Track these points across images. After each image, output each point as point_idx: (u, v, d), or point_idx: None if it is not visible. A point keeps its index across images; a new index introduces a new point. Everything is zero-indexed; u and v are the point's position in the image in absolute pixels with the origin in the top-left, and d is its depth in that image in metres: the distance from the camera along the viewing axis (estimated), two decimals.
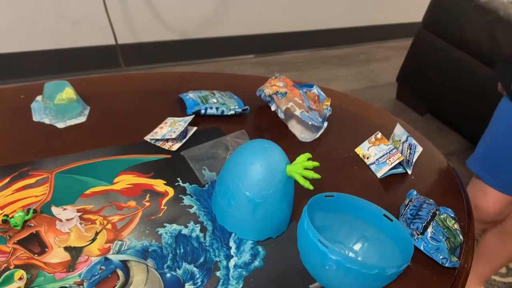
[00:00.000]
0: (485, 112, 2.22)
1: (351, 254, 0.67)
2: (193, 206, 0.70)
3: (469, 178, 2.20)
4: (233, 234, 0.66)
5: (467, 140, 2.45)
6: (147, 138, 0.84)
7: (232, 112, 0.95)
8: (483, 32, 2.12)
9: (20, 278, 0.55)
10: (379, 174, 0.86)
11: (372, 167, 0.88)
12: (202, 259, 0.62)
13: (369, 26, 3.45)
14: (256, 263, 0.62)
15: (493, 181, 1.06)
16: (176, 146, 0.83)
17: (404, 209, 0.75)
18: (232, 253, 0.63)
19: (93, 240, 0.62)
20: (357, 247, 0.68)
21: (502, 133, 1.03)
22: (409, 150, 0.87)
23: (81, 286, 0.55)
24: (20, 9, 2.10)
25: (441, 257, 0.67)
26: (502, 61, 0.97)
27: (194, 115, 0.90)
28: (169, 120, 0.89)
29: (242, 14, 2.75)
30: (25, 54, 2.23)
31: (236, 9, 2.71)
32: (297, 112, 0.90)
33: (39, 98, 0.90)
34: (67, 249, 0.60)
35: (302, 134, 0.93)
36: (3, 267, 0.56)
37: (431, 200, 0.77)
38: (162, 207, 0.69)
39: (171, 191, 0.73)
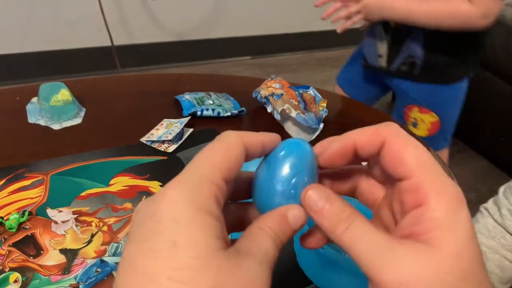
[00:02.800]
0: (479, 113, 2.23)
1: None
2: None
3: (466, 178, 2.22)
4: (229, 235, 0.66)
5: (462, 141, 2.46)
6: (143, 139, 0.84)
7: (229, 113, 0.95)
8: None
9: (15, 281, 0.55)
10: None
11: None
12: None
13: None
14: None
15: None
16: (172, 148, 0.83)
17: None
18: None
19: (89, 242, 0.62)
20: None
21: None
22: None
23: None
24: (15, 10, 2.09)
25: None
26: None
27: (190, 117, 0.90)
28: (165, 121, 0.89)
29: (237, 16, 2.76)
30: (20, 55, 2.23)
31: (231, 10, 2.71)
32: (293, 113, 0.90)
33: (34, 99, 0.90)
34: (63, 251, 0.60)
35: (299, 136, 0.93)
36: None
37: None
38: None
39: None
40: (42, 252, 0.59)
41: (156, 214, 0.23)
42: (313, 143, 0.94)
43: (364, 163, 0.32)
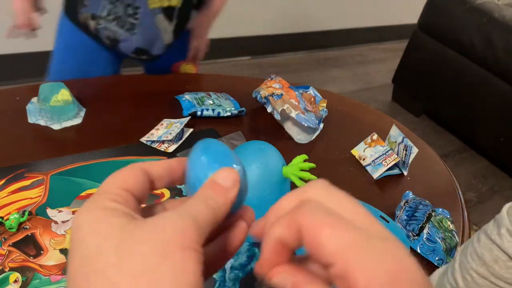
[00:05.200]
0: (480, 113, 2.24)
1: None
2: None
3: (466, 178, 2.21)
4: None
5: (462, 141, 2.47)
6: (143, 139, 0.84)
7: (228, 113, 0.95)
8: (477, 34, 2.14)
9: (15, 281, 0.55)
10: (375, 176, 0.86)
11: (368, 169, 0.88)
12: None
13: (364, 28, 3.46)
14: (253, 264, 0.62)
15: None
16: (172, 148, 0.83)
17: (400, 211, 0.75)
18: None
19: None
20: None
21: (60, 47, 1.17)
22: (404, 151, 0.87)
23: None
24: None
25: (437, 258, 0.68)
26: None
27: (190, 117, 0.90)
28: (165, 121, 0.89)
29: (237, 16, 2.75)
30: (20, 55, 2.22)
31: (231, 10, 2.70)
32: (293, 113, 0.90)
33: (34, 99, 0.90)
34: (63, 251, 0.60)
35: (298, 136, 0.93)
36: None
37: (427, 201, 0.77)
38: None
39: (167, 193, 0.72)
40: (42, 252, 0.59)
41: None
42: (313, 142, 0.94)
43: None
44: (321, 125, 0.95)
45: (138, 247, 0.22)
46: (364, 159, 0.90)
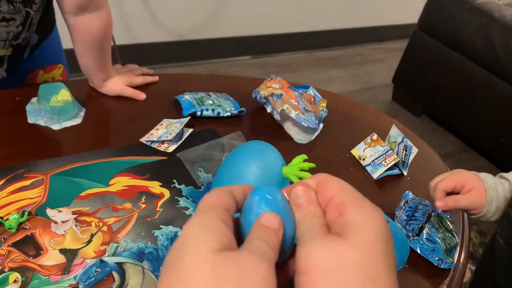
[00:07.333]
0: (480, 113, 2.23)
1: None
2: (189, 208, 0.70)
3: None
4: None
5: (462, 141, 2.46)
6: (143, 139, 0.84)
7: (228, 113, 0.95)
8: (478, 34, 2.13)
9: (15, 281, 0.55)
10: (375, 176, 0.86)
11: (368, 169, 0.88)
12: None
13: (364, 28, 3.46)
14: None
15: None
16: (172, 148, 0.83)
17: (400, 211, 0.75)
18: None
19: (89, 242, 0.62)
20: None
21: None
22: (404, 151, 0.87)
23: None
24: None
25: (436, 258, 0.68)
26: None
27: (190, 117, 0.90)
28: (165, 121, 0.89)
29: (238, 16, 2.76)
30: None
31: (231, 10, 2.71)
32: (293, 114, 0.90)
33: (34, 100, 0.90)
34: (62, 251, 0.60)
35: (298, 136, 0.93)
36: None
37: (427, 201, 0.77)
38: (158, 209, 0.69)
39: (167, 193, 0.72)
40: (41, 252, 0.59)
41: (175, 242, 0.28)
42: (313, 142, 0.94)
43: None
44: (321, 125, 0.95)
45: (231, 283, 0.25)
46: (364, 159, 0.90)
